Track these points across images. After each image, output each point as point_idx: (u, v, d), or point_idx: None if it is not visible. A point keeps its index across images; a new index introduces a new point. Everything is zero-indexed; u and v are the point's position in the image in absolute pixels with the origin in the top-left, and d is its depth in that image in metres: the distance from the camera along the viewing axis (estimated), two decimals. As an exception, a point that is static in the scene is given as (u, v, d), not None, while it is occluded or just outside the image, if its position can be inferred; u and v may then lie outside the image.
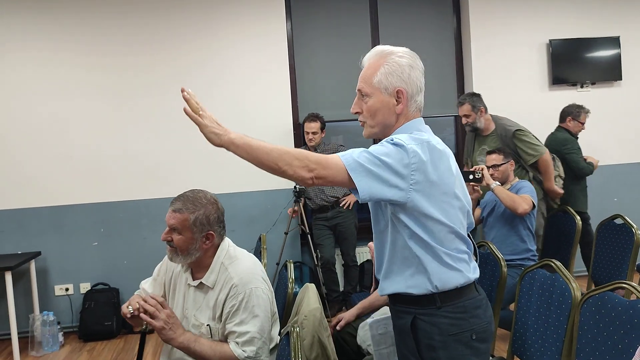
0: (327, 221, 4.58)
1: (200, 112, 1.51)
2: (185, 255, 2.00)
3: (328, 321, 4.34)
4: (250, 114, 4.72)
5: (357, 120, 1.72)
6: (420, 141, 1.56)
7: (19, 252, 4.41)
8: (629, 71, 5.21)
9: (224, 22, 4.72)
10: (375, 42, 4.97)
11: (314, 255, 4.51)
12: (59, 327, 4.30)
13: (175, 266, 2.14)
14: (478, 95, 4.05)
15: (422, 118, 1.71)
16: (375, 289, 2.67)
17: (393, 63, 1.63)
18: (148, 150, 4.62)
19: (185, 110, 1.52)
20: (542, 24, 5.13)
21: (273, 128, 4.77)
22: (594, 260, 3.47)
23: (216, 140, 1.50)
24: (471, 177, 3.16)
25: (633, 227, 3.12)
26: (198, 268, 2.06)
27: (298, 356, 1.55)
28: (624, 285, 1.84)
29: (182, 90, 1.54)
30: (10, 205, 4.45)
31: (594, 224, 3.86)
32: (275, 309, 2.10)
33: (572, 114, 4.46)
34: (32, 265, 4.37)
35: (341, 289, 4.70)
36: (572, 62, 5.14)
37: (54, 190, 4.52)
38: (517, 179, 3.65)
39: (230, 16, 4.72)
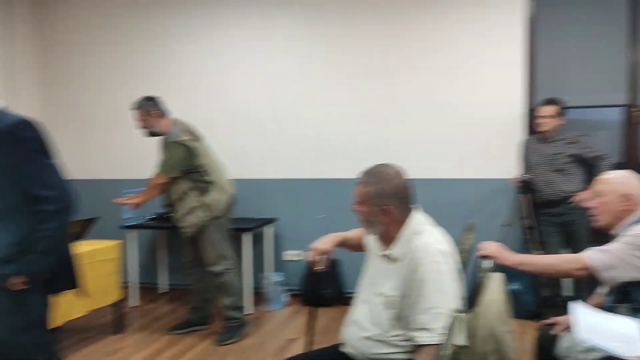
0: (555, 217, 4.15)
1: None
2: (368, 227, 2.10)
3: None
4: (476, 97, 4.60)
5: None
6: None
7: (257, 218, 4.93)
8: None
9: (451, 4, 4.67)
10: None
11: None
12: (285, 288, 4.78)
13: None
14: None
15: None
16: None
17: None
18: (372, 133, 4.82)
19: None
20: None
21: (499, 117, 4.56)
22: None
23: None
24: None
25: None
26: (386, 240, 2.10)
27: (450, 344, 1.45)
28: None
29: None
30: (251, 176, 5.01)
31: None
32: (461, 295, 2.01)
33: None
34: (268, 230, 4.90)
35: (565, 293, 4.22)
36: None
37: (290, 164, 5.01)
38: None
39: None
